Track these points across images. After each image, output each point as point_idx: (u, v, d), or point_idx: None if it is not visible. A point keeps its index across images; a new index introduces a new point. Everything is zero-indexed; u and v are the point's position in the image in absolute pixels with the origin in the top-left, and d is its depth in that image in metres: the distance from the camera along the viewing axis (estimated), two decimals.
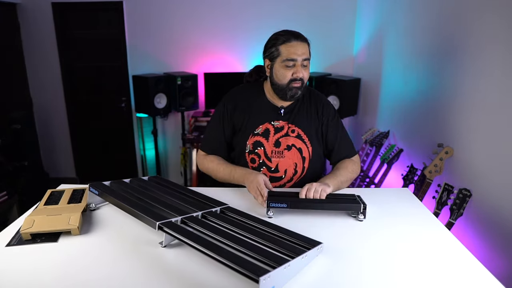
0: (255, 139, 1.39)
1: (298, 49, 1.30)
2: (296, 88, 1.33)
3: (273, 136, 1.39)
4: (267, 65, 1.38)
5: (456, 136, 1.77)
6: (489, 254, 1.49)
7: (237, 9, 3.42)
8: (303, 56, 1.31)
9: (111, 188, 1.20)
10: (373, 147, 2.65)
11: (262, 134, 1.39)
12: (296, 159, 1.40)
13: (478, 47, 1.61)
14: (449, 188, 1.67)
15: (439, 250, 0.96)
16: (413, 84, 2.28)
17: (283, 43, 1.31)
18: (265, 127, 1.40)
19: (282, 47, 1.31)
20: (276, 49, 1.32)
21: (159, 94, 3.23)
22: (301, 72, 1.31)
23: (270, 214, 1.13)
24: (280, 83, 1.34)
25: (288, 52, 1.30)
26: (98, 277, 0.81)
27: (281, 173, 1.40)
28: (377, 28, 2.97)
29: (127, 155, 3.84)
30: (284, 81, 1.32)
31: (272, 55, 1.34)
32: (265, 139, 1.39)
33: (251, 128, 1.40)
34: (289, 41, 1.31)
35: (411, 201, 1.30)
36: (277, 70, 1.33)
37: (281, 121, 1.41)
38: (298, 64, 1.30)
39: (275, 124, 1.40)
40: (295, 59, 1.29)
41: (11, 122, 2.93)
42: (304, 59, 1.31)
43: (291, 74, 1.31)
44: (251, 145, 1.39)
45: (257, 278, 0.68)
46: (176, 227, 0.91)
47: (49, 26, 3.40)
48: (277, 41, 1.33)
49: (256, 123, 1.40)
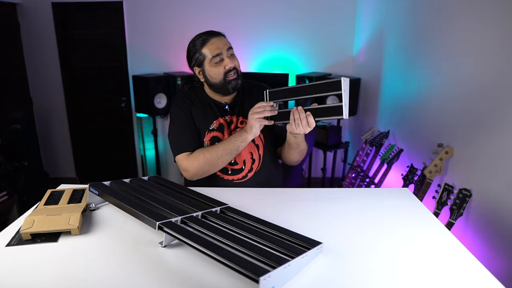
0: (211, 135, 1.42)
1: (218, 43, 1.34)
2: (234, 79, 1.36)
3: (227, 129, 1.42)
4: (198, 73, 1.41)
5: (456, 136, 1.77)
6: (489, 254, 1.49)
7: (237, 9, 3.42)
8: (226, 47, 1.35)
9: (111, 188, 1.20)
10: (373, 147, 2.65)
11: (218, 129, 1.42)
12: (251, 148, 1.44)
13: (478, 46, 1.61)
14: (449, 188, 1.67)
15: (439, 250, 0.96)
16: (413, 84, 2.28)
17: (203, 45, 1.34)
18: (218, 122, 1.42)
19: (204, 49, 1.34)
20: (200, 54, 1.35)
21: (159, 94, 3.23)
22: (230, 62, 1.34)
23: None
24: (217, 81, 1.36)
25: (211, 50, 1.33)
26: (98, 277, 0.81)
27: (241, 164, 1.44)
28: (377, 28, 2.97)
29: (127, 155, 3.85)
30: (219, 77, 1.35)
31: (198, 61, 1.37)
32: (221, 133, 1.42)
33: (206, 125, 1.42)
34: (207, 40, 1.34)
35: (411, 201, 1.29)
36: (209, 71, 1.36)
37: (229, 116, 1.44)
38: (225, 56, 1.34)
39: (226, 118, 1.44)
40: (220, 53, 1.33)
41: (11, 122, 2.92)
42: (228, 49, 1.35)
43: (223, 68, 1.34)
44: (208, 141, 1.41)
45: (257, 278, 0.68)
46: (176, 227, 0.91)
47: (49, 26, 3.40)
48: (197, 46, 1.36)
49: (209, 119, 1.42)
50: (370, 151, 2.70)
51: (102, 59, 3.60)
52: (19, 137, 2.96)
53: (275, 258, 0.78)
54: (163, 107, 3.28)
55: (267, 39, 3.43)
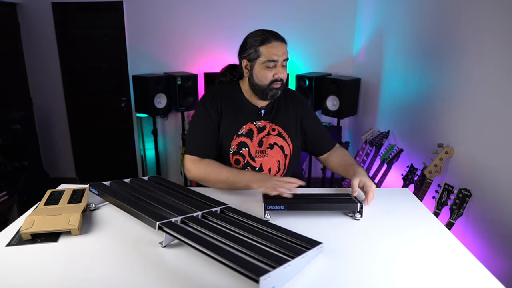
0: (239, 140, 1.38)
1: (278, 50, 1.29)
2: (277, 88, 1.34)
3: (256, 136, 1.39)
4: (245, 66, 1.36)
5: (456, 136, 1.77)
6: (489, 254, 1.49)
7: (237, 9, 3.42)
8: (284, 57, 1.30)
9: (111, 188, 1.20)
10: (373, 147, 2.65)
11: (246, 135, 1.39)
12: (279, 157, 1.42)
13: (478, 46, 1.61)
14: (449, 188, 1.67)
15: (439, 250, 0.96)
16: (413, 84, 2.28)
17: (262, 44, 1.29)
18: (248, 127, 1.39)
19: (262, 48, 1.29)
20: (256, 50, 1.30)
21: (159, 94, 3.23)
22: (281, 72, 1.32)
23: (267, 216, 1.11)
24: (261, 83, 1.33)
25: (269, 53, 1.28)
26: (98, 277, 0.81)
27: (266, 171, 1.41)
28: (377, 28, 2.97)
29: (127, 155, 3.84)
30: (265, 82, 1.32)
31: (251, 56, 1.32)
32: (249, 139, 1.39)
33: (235, 129, 1.38)
34: (269, 41, 1.29)
35: (411, 201, 1.29)
36: (257, 71, 1.32)
37: (262, 120, 1.41)
38: (278, 64, 1.30)
39: (257, 124, 1.40)
40: (276, 60, 1.29)
41: (11, 122, 2.92)
42: (284, 60, 1.31)
43: (272, 75, 1.31)
44: (235, 146, 1.38)
45: (257, 278, 0.68)
46: (176, 227, 0.91)
47: (49, 26, 3.40)
48: (256, 42, 1.30)
49: (240, 123, 1.39)
50: (370, 151, 2.70)
51: (102, 59, 3.60)
52: (19, 137, 2.96)
53: (275, 258, 0.78)
54: (163, 107, 3.28)
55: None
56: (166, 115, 3.60)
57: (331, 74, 3.42)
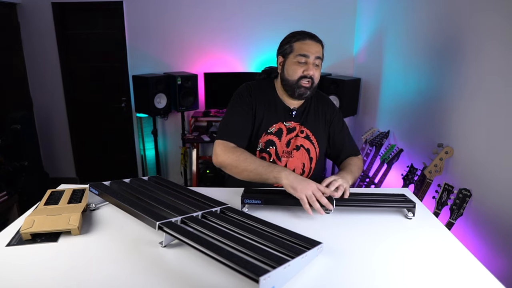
0: (268, 138, 1.39)
1: (311, 47, 1.31)
2: (305, 88, 1.33)
3: (285, 136, 1.40)
4: (279, 62, 1.39)
5: (456, 136, 1.77)
6: (489, 254, 1.49)
7: (237, 9, 3.42)
8: (316, 54, 1.31)
9: (111, 188, 1.20)
10: (373, 147, 2.65)
11: (276, 134, 1.39)
12: (304, 159, 1.41)
13: (478, 47, 1.61)
14: (449, 188, 1.67)
15: (439, 250, 0.96)
16: (413, 84, 2.28)
17: (297, 40, 1.32)
18: (278, 126, 1.40)
19: (296, 44, 1.32)
20: (290, 46, 1.34)
21: (159, 94, 3.23)
22: (312, 70, 1.31)
23: (245, 209, 1.15)
24: (290, 79, 1.34)
25: (301, 48, 1.31)
26: (98, 277, 0.81)
27: None
28: (377, 28, 2.97)
29: (127, 155, 3.85)
30: (294, 77, 1.33)
31: (285, 52, 1.35)
32: (278, 138, 1.39)
33: (266, 126, 1.39)
34: (304, 39, 1.32)
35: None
36: (288, 66, 1.34)
37: (292, 122, 1.41)
38: (310, 61, 1.31)
39: (287, 124, 1.41)
40: (308, 55, 1.30)
41: (11, 122, 2.92)
42: (317, 57, 1.32)
43: (302, 71, 1.31)
44: (263, 143, 1.39)
45: (257, 278, 0.68)
46: (176, 227, 0.91)
47: (49, 26, 3.40)
48: (292, 39, 1.34)
49: (271, 121, 1.40)
50: (370, 151, 2.70)
51: (102, 59, 3.60)
52: (19, 137, 2.96)
53: (275, 258, 0.78)
54: (163, 107, 3.28)
55: (267, 39, 3.43)
56: (166, 115, 3.60)
57: (331, 74, 3.42)
